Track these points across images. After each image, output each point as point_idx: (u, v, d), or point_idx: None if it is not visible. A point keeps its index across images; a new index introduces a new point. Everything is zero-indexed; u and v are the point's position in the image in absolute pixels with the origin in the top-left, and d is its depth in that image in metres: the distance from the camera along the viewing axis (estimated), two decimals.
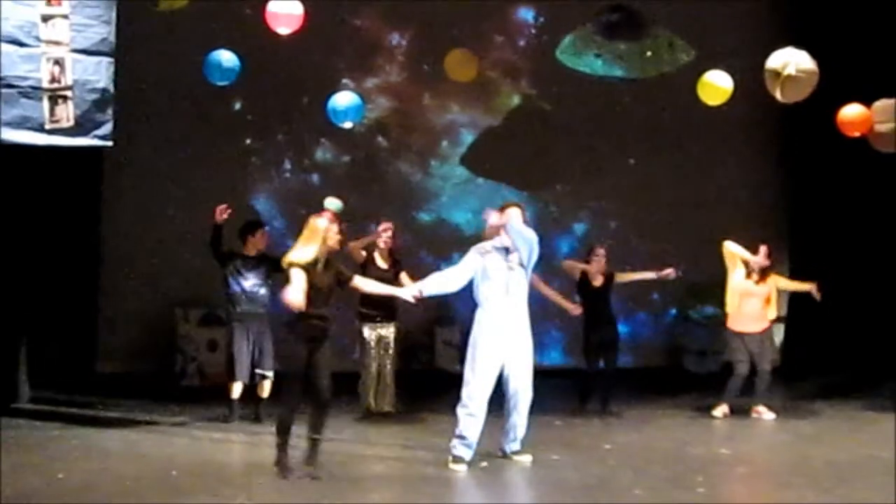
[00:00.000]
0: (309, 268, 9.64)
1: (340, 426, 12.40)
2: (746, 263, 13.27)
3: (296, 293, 9.43)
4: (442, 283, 10.55)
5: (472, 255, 10.55)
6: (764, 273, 13.31)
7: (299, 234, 9.93)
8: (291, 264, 9.67)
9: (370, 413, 12.78)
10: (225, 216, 12.39)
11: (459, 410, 10.31)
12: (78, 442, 11.33)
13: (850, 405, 14.00)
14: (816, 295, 13.53)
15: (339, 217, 10.45)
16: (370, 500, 9.18)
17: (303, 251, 9.74)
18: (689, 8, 16.04)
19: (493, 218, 10.53)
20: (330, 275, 9.84)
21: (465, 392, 10.32)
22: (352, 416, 12.71)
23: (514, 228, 10.37)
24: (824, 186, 16.64)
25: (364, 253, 12.90)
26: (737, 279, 13.30)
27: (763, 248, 13.32)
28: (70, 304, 14.87)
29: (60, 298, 14.60)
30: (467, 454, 10.26)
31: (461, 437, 10.27)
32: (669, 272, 13.39)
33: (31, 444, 11.19)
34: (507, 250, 10.44)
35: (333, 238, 9.86)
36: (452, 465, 10.21)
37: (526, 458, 10.44)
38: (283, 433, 9.83)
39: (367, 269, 12.71)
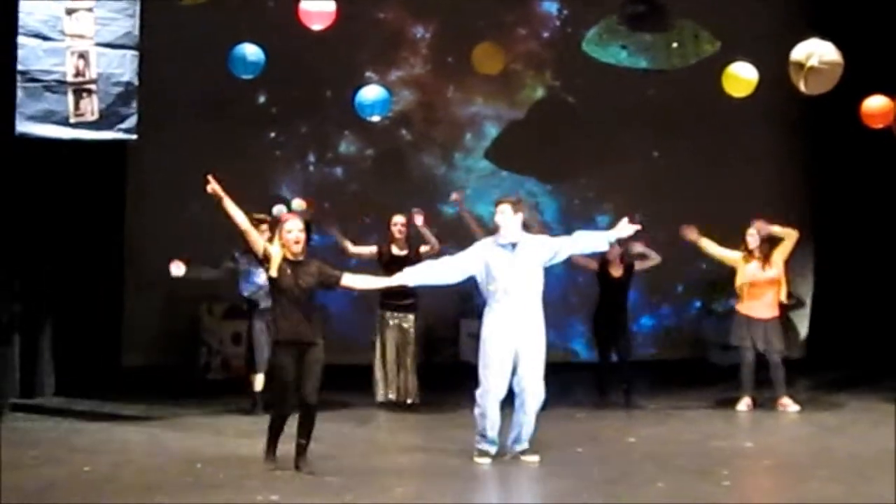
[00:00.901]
0: (265, 263, 9.66)
1: (362, 417, 12.45)
2: (746, 248, 13.18)
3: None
4: (433, 272, 10.35)
5: (474, 249, 10.33)
6: (767, 254, 13.20)
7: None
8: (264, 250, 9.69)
9: (391, 404, 12.80)
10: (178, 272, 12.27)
11: (475, 409, 10.29)
12: (102, 435, 11.40)
13: (874, 397, 13.94)
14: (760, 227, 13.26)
15: (306, 223, 10.25)
16: (393, 494, 9.18)
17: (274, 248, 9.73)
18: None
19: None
20: (304, 278, 9.65)
21: (478, 392, 10.29)
22: (372, 406, 12.74)
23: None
24: (848, 177, 16.58)
25: (374, 249, 12.99)
26: (743, 268, 13.23)
27: (750, 231, 13.18)
28: (95, 299, 14.91)
29: (85, 293, 14.65)
30: (491, 448, 10.25)
31: (481, 435, 10.27)
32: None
33: (55, 437, 11.25)
34: (513, 246, 10.25)
35: (286, 241, 9.73)
36: (477, 459, 10.21)
37: (533, 458, 10.26)
38: (273, 437, 9.81)
39: (384, 259, 12.84)
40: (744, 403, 13.15)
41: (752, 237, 13.19)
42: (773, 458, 10.74)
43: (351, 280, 10.00)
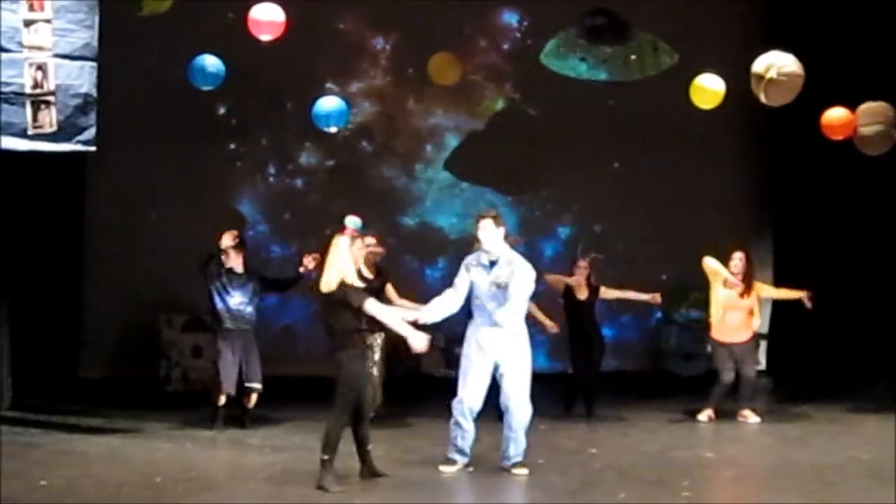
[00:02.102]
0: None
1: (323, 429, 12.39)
2: (726, 282, 13.22)
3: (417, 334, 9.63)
4: (443, 308, 10.36)
5: (462, 271, 10.38)
6: (747, 285, 13.27)
7: (322, 255, 9.99)
8: (349, 286, 9.64)
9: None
10: (231, 242, 12.26)
11: (451, 419, 10.30)
12: (60, 448, 11.30)
13: (834, 408, 14.00)
14: (808, 303, 13.49)
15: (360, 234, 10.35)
16: (355, 503, 9.17)
17: (346, 272, 9.69)
18: (674, 11, 16.03)
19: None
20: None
21: (454, 401, 10.30)
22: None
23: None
24: (809, 189, 16.66)
25: None
26: (721, 292, 13.26)
27: (738, 255, 13.27)
28: (53, 310, 14.82)
29: (43, 304, 14.55)
30: (459, 458, 10.26)
31: (452, 443, 10.28)
32: (656, 297, 13.40)
33: (13, 450, 11.12)
34: (491, 265, 10.25)
35: (358, 254, 9.95)
36: (441, 467, 10.21)
37: (521, 472, 10.21)
38: (333, 449, 9.70)
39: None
40: (705, 414, 13.18)
41: (737, 263, 13.22)
42: (734, 468, 10.78)
43: (373, 308, 9.74)
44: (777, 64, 12.05)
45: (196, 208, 15.41)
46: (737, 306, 13.24)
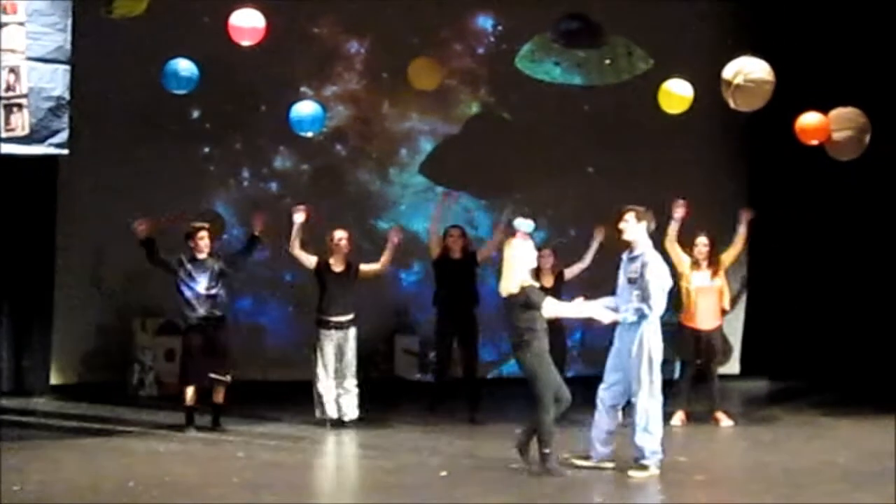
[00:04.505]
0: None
1: (299, 433, 12.38)
2: (692, 254, 13.28)
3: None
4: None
5: None
6: (713, 263, 13.32)
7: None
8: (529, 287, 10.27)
9: (330, 421, 12.71)
10: (144, 230, 12.35)
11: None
12: (34, 453, 11.25)
13: (808, 411, 14.07)
14: (748, 216, 13.69)
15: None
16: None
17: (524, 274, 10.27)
18: (649, 15, 16.06)
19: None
20: None
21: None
22: (310, 423, 12.68)
23: None
24: (783, 193, 16.71)
25: (312, 258, 12.93)
26: (691, 276, 13.32)
27: (701, 239, 13.31)
28: (25, 315, 14.75)
29: (15, 310, 14.49)
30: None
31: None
32: (600, 230, 13.59)
33: None
34: (630, 261, 10.76)
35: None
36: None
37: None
38: (550, 441, 10.20)
39: (323, 273, 12.80)
40: (677, 418, 13.19)
41: (701, 248, 13.27)
42: (707, 472, 10.79)
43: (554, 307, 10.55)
44: (744, 70, 12.10)
45: (170, 212, 15.35)
46: (708, 289, 13.28)
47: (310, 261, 12.98)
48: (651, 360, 10.35)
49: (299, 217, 12.94)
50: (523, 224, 11.31)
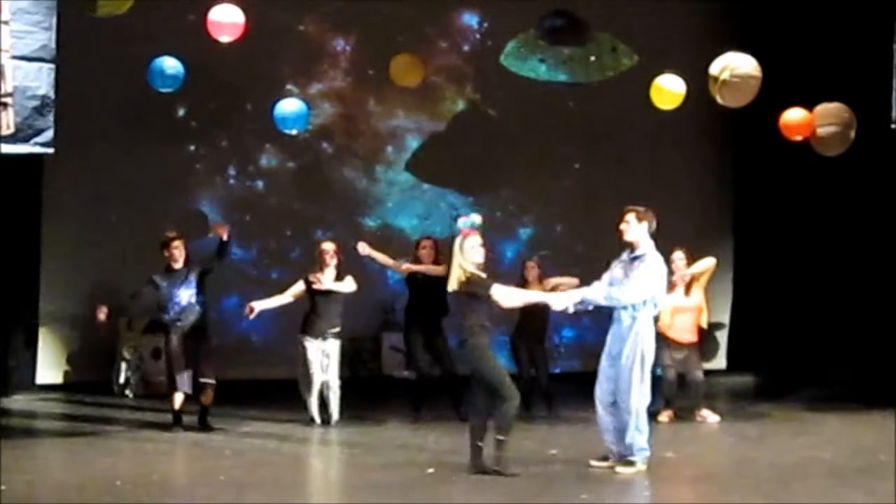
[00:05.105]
0: None
1: (285, 432, 12.37)
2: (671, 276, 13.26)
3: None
4: (579, 293, 10.67)
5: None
6: (688, 282, 13.28)
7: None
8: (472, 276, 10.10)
9: (319, 421, 12.70)
10: (102, 317, 12.41)
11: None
12: (20, 453, 11.21)
13: (794, 406, 14.09)
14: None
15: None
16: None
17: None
18: (634, 12, 16.08)
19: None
20: None
21: None
22: (296, 422, 12.67)
23: None
24: (769, 190, 16.76)
25: (301, 289, 12.87)
26: (668, 297, 13.26)
27: (677, 254, 13.18)
28: (10, 314, 14.71)
29: (0, 308, 14.45)
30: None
31: None
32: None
33: None
34: (631, 261, 10.61)
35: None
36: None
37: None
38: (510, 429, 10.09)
39: (314, 288, 12.74)
40: (665, 415, 13.21)
41: (678, 264, 13.20)
42: (694, 468, 10.81)
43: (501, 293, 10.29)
44: (731, 66, 12.12)
45: (156, 211, 15.33)
46: (684, 308, 13.26)
47: (300, 292, 12.92)
48: (643, 360, 10.33)
49: (364, 250, 12.91)
50: (465, 223, 11.37)
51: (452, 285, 10.13)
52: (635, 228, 10.55)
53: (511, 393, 9.98)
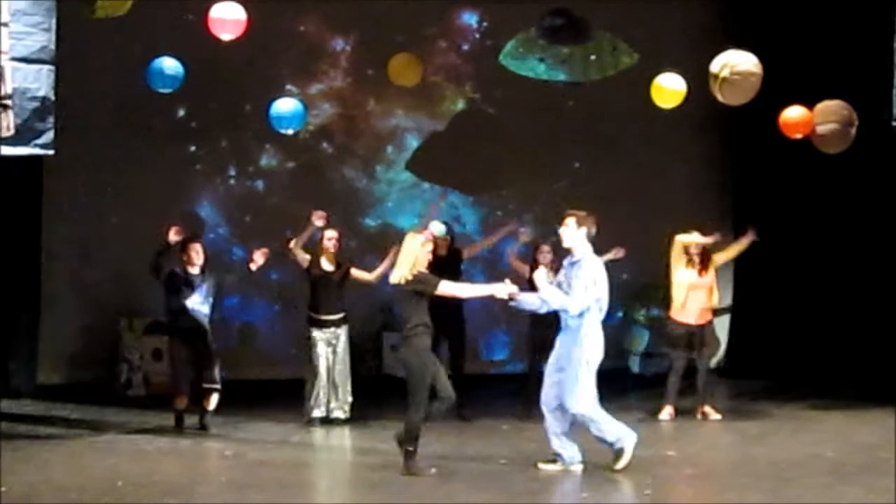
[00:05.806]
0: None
1: (289, 431, 12.38)
2: (687, 252, 13.30)
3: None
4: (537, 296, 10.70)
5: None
6: (705, 261, 13.35)
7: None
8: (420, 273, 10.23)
9: (320, 420, 12.70)
10: (177, 237, 12.28)
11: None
12: (20, 454, 11.22)
13: (794, 405, 14.09)
14: (754, 236, 13.82)
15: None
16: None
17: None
18: (634, 10, 16.07)
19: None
20: None
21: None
22: (298, 422, 12.67)
23: None
24: (769, 188, 16.73)
25: (308, 257, 12.91)
26: (682, 273, 13.34)
27: (695, 234, 13.36)
28: (11, 315, 14.71)
29: (0, 310, 14.44)
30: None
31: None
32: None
33: None
34: (571, 265, 10.63)
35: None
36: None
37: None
38: (415, 440, 10.10)
39: (312, 271, 12.80)
40: (666, 412, 13.23)
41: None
42: (695, 466, 10.82)
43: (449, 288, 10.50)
44: (731, 63, 12.10)
45: (156, 211, 15.32)
46: (698, 286, 13.32)
47: (304, 259, 12.95)
48: (588, 363, 10.31)
49: (319, 222, 12.90)
50: (440, 230, 11.47)
51: (397, 279, 10.21)
52: (574, 234, 10.51)
53: (419, 407, 10.05)
